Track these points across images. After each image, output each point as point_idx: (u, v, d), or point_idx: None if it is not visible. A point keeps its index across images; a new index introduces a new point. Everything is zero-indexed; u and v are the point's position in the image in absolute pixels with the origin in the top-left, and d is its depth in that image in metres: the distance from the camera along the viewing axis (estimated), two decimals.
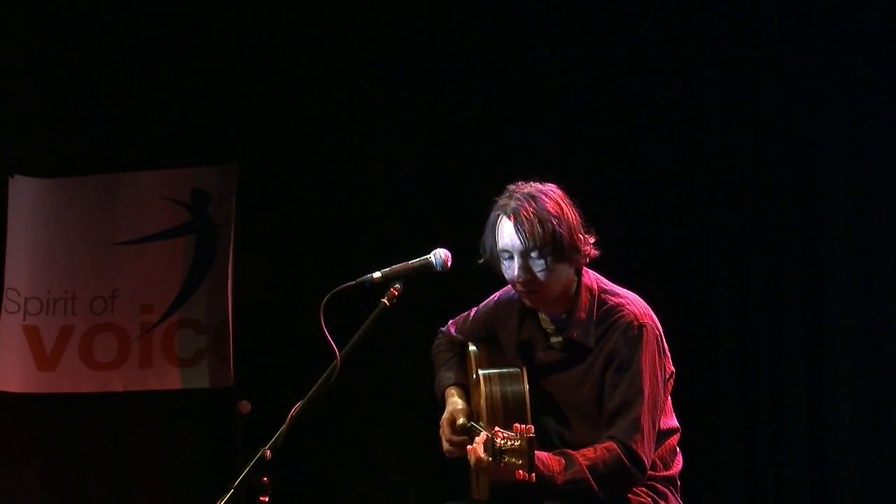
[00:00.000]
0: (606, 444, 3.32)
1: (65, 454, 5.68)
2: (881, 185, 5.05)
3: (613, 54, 5.34)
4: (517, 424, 3.13)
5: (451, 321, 3.79)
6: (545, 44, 5.40)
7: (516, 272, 3.37)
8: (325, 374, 3.19)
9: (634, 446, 3.31)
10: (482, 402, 3.42)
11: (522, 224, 3.33)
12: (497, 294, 3.66)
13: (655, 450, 3.43)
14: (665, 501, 3.47)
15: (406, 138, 5.59)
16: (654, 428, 3.37)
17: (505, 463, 3.08)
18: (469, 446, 3.30)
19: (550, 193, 3.40)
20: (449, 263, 3.40)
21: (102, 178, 5.65)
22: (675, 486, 3.52)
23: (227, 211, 5.50)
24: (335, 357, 3.18)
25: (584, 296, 3.44)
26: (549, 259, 3.35)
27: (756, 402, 5.11)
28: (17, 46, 5.71)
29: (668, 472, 3.50)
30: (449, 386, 3.63)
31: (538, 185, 3.42)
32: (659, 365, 3.40)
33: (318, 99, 5.70)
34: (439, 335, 3.81)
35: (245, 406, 5.29)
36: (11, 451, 5.64)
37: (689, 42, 5.24)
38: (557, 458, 3.29)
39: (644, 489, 3.44)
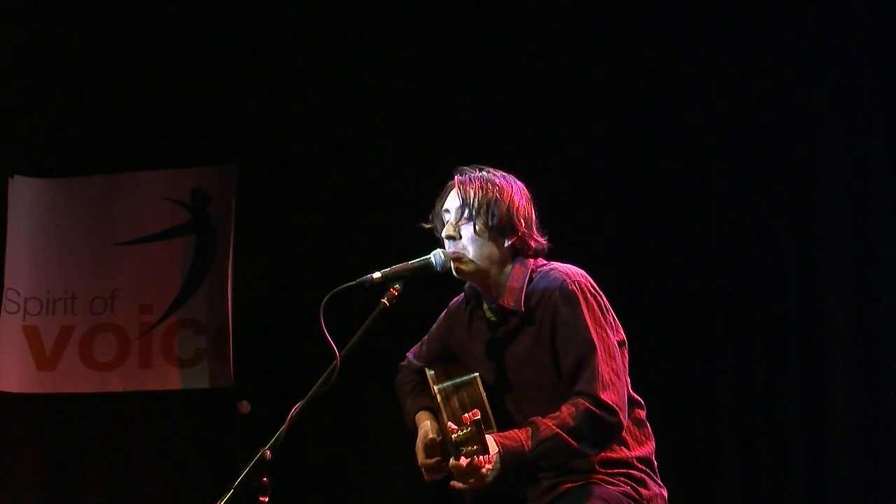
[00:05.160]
0: (571, 400, 3.29)
1: (65, 454, 5.70)
2: (876, 188, 5.06)
3: (614, 68, 5.34)
4: (465, 415, 3.15)
5: (409, 352, 3.77)
6: (546, 50, 5.40)
7: (446, 228, 3.41)
8: (325, 375, 3.17)
9: (599, 393, 3.26)
10: (445, 416, 3.41)
11: (464, 185, 3.40)
12: (446, 309, 3.67)
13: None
14: (645, 488, 3.42)
15: (406, 138, 5.58)
16: (618, 377, 3.32)
17: (465, 453, 3.10)
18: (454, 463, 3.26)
19: (509, 178, 3.46)
20: (449, 264, 3.39)
21: (102, 178, 5.69)
22: (651, 467, 3.46)
23: (227, 211, 5.51)
24: (335, 357, 3.16)
25: (518, 270, 3.43)
26: (477, 222, 3.37)
27: (752, 409, 5.10)
28: (17, 46, 5.71)
29: (641, 452, 3.44)
30: (417, 412, 3.61)
31: (504, 172, 3.48)
32: (604, 318, 3.38)
33: (317, 98, 5.68)
34: (400, 369, 3.78)
35: (245, 406, 5.29)
36: (11, 451, 5.63)
37: (688, 52, 5.25)
38: (524, 428, 3.27)
39: (622, 477, 3.39)
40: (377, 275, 3.32)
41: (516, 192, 3.42)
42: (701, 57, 5.23)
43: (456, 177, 3.44)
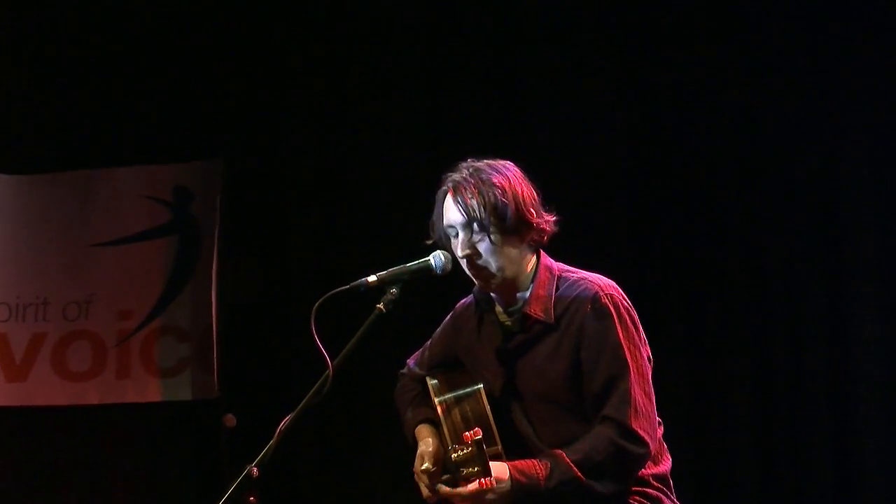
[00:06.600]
0: (597, 428, 3.22)
1: (36, 471, 5.64)
2: None
3: (625, 64, 5.27)
4: (466, 433, 3.08)
5: (409, 359, 3.67)
6: (550, 46, 5.34)
7: (459, 248, 3.27)
8: (316, 385, 3.09)
9: (629, 421, 3.19)
10: (445, 430, 3.35)
11: (462, 195, 3.24)
12: (451, 312, 3.58)
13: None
14: None
15: (401, 135, 5.53)
16: (650, 400, 3.27)
17: (465, 475, 3.06)
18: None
19: (500, 167, 3.31)
20: (450, 266, 3.29)
21: (78, 174, 5.61)
22: (667, 485, 3.37)
23: (212, 210, 5.47)
24: (327, 367, 3.09)
25: (543, 274, 3.33)
26: (492, 232, 3.24)
27: (774, 426, 5.02)
28: None
29: (658, 469, 3.34)
30: (417, 425, 3.51)
31: (489, 160, 3.34)
32: (637, 335, 3.30)
33: (307, 91, 5.64)
34: (400, 378, 3.69)
35: (230, 420, 5.24)
36: None
37: (705, 47, 5.18)
38: (543, 462, 3.19)
39: (637, 496, 3.30)
40: (373, 278, 3.23)
41: (515, 184, 3.27)
42: (717, 53, 5.15)
43: (449, 187, 3.29)
